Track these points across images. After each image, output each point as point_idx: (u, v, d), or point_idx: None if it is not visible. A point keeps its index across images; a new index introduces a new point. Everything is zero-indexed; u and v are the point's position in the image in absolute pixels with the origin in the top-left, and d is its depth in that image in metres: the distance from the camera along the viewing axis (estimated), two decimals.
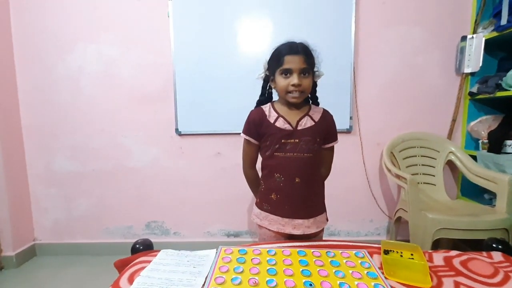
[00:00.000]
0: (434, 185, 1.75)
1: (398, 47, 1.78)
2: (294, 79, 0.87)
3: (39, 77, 1.84)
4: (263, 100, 1.03)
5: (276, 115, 0.94)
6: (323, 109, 1.00)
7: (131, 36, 1.81)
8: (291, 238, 0.94)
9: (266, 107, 0.97)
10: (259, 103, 1.03)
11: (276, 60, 0.90)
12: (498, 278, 0.67)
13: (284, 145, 0.92)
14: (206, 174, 1.91)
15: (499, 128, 1.62)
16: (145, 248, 0.85)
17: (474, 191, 1.73)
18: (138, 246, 0.85)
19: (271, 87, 1.00)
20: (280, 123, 0.93)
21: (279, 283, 0.64)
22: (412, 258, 0.73)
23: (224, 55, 1.78)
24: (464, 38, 1.69)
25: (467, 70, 1.70)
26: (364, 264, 0.72)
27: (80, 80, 1.84)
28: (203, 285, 0.64)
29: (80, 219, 1.96)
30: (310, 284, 0.63)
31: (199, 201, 1.93)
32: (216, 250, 0.80)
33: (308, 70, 0.89)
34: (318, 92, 1.02)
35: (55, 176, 1.92)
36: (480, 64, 1.65)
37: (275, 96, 1.01)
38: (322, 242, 0.88)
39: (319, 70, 0.95)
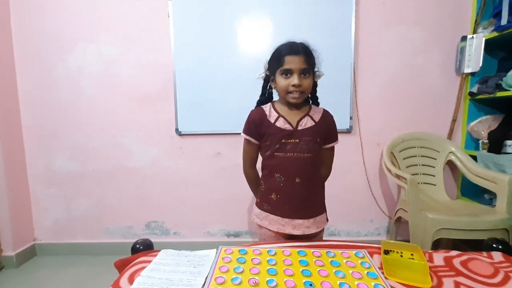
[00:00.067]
0: (434, 185, 1.75)
1: (398, 47, 1.79)
2: (294, 80, 0.87)
3: (39, 77, 1.84)
4: (263, 100, 1.03)
5: (277, 115, 0.94)
6: (324, 109, 1.00)
7: (131, 36, 1.81)
8: (291, 238, 0.94)
9: (267, 107, 0.97)
10: (260, 103, 1.03)
11: (277, 60, 0.90)
12: (498, 278, 0.67)
13: (284, 145, 0.92)
14: (206, 174, 1.91)
15: (499, 128, 1.62)
16: (145, 248, 0.85)
17: (474, 191, 1.73)
18: (138, 246, 0.85)
19: (272, 87, 1.00)
20: (281, 123, 0.93)
21: (279, 283, 0.64)
22: (412, 258, 0.73)
23: (224, 55, 1.78)
24: (464, 38, 1.69)
25: (467, 70, 1.70)
26: (364, 264, 0.72)
27: (80, 80, 1.84)
28: (203, 285, 0.64)
29: (80, 219, 1.96)
30: (310, 284, 0.63)
31: (199, 201, 1.93)
32: (216, 250, 0.80)
33: (309, 70, 0.89)
34: (318, 92, 1.02)
35: (55, 176, 1.92)
36: (480, 64, 1.65)
37: (276, 96, 1.01)
38: (322, 242, 0.88)
39: (319, 70, 0.95)
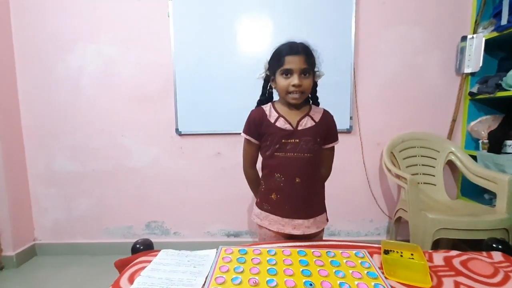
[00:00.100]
0: (434, 185, 1.75)
1: (398, 47, 1.79)
2: (294, 80, 0.87)
3: (39, 77, 1.84)
4: (263, 100, 1.03)
5: (277, 115, 0.94)
6: (324, 109, 1.00)
7: (131, 36, 1.81)
8: (291, 238, 0.94)
9: (267, 107, 0.97)
10: (260, 103, 1.03)
11: (277, 60, 0.90)
12: (498, 278, 0.67)
13: (284, 145, 0.92)
14: (206, 174, 1.91)
15: (499, 128, 1.62)
16: (145, 248, 0.85)
17: (474, 191, 1.73)
18: (138, 246, 0.85)
19: (272, 87, 1.00)
20: (281, 123, 0.93)
21: (279, 283, 0.64)
22: (412, 258, 0.73)
23: (224, 55, 1.78)
24: (464, 38, 1.69)
25: (467, 70, 1.70)
26: (364, 264, 0.72)
27: (80, 80, 1.84)
28: (204, 285, 0.64)
29: (80, 219, 1.96)
30: (310, 284, 0.63)
31: (199, 201, 1.93)
32: (216, 250, 0.80)
33: (309, 70, 0.89)
34: (318, 92, 1.02)
35: (55, 176, 1.92)
36: (480, 64, 1.65)
37: (276, 96, 1.01)
38: (322, 242, 0.88)
39: (320, 71, 0.95)
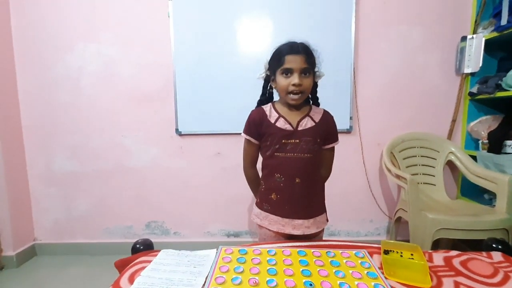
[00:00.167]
0: (434, 185, 1.75)
1: (398, 47, 1.79)
2: (294, 79, 0.87)
3: (39, 77, 1.84)
4: (263, 100, 1.03)
5: (277, 115, 0.94)
6: (324, 109, 1.00)
7: (131, 36, 1.81)
8: (291, 238, 0.94)
9: (267, 107, 0.97)
10: (260, 103, 1.03)
11: (277, 59, 0.90)
12: (498, 278, 0.67)
13: (284, 145, 0.92)
14: (206, 174, 1.91)
15: (499, 128, 1.62)
16: (145, 248, 0.85)
17: (474, 191, 1.73)
18: (138, 246, 0.85)
19: (272, 87, 1.00)
20: (281, 123, 0.93)
21: (279, 283, 0.64)
22: (412, 258, 0.73)
23: (224, 55, 1.78)
24: (464, 38, 1.69)
25: (467, 70, 1.70)
26: (364, 264, 0.72)
27: (80, 80, 1.84)
28: (204, 285, 0.64)
29: (80, 219, 1.96)
30: (310, 284, 0.63)
31: (199, 201, 1.93)
32: (216, 250, 0.80)
33: (309, 70, 0.89)
34: (318, 93, 1.02)
35: (55, 176, 1.92)
36: (480, 64, 1.65)
37: (276, 96, 1.01)
38: (322, 242, 0.88)
39: (320, 71, 0.95)
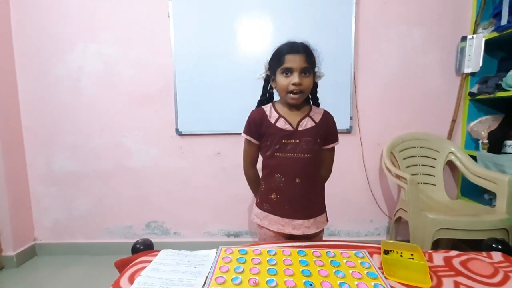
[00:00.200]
0: (434, 185, 1.75)
1: (398, 47, 1.79)
2: (295, 78, 0.87)
3: (39, 77, 1.84)
4: (264, 100, 1.03)
5: (277, 116, 0.94)
6: (324, 110, 1.00)
7: (131, 36, 1.81)
8: (291, 238, 0.94)
9: (267, 107, 0.97)
10: (260, 103, 1.03)
11: (277, 59, 0.90)
12: (497, 278, 0.67)
13: (284, 145, 0.92)
14: (206, 174, 1.91)
15: (499, 128, 1.62)
16: (145, 248, 0.85)
17: (474, 191, 1.73)
18: (138, 246, 0.85)
19: (272, 87, 1.00)
20: (281, 123, 0.93)
21: (279, 283, 0.64)
22: (412, 258, 0.73)
23: (224, 55, 1.78)
24: (464, 38, 1.69)
25: (467, 70, 1.70)
26: (364, 264, 0.72)
27: (80, 80, 1.84)
28: (204, 285, 0.64)
29: (80, 219, 1.96)
30: (310, 284, 0.63)
31: (199, 201, 1.93)
32: (216, 250, 0.80)
33: (309, 69, 0.89)
34: (318, 93, 1.02)
35: (55, 176, 1.92)
36: (480, 65, 1.65)
37: (276, 97, 1.01)
38: (322, 242, 0.88)
39: (320, 71, 0.95)
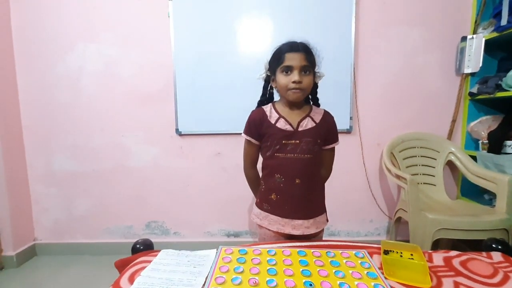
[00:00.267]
0: (434, 185, 1.75)
1: (398, 47, 1.79)
2: (294, 76, 0.87)
3: (39, 77, 1.84)
4: (264, 100, 1.03)
5: (277, 116, 0.94)
6: (324, 110, 1.00)
7: (131, 36, 1.81)
8: (291, 238, 0.94)
9: (267, 108, 0.97)
10: (260, 104, 1.03)
11: (277, 58, 0.90)
12: (497, 278, 0.67)
13: (284, 145, 0.92)
14: (206, 174, 1.91)
15: (499, 128, 1.62)
16: (145, 248, 0.85)
17: (474, 191, 1.73)
18: (138, 246, 0.85)
19: (272, 87, 1.00)
20: (281, 123, 0.93)
21: (279, 283, 0.64)
22: (412, 258, 0.73)
23: (224, 55, 1.78)
24: (464, 39, 1.69)
25: (467, 71, 1.70)
26: (364, 264, 0.72)
27: (80, 80, 1.84)
28: (204, 285, 0.64)
29: (80, 219, 1.96)
30: (310, 284, 0.63)
31: (199, 201, 1.93)
32: (216, 250, 0.80)
33: (309, 68, 0.89)
34: (318, 93, 1.02)
35: (55, 176, 1.92)
36: (480, 65, 1.65)
37: (276, 97, 1.01)
38: (322, 242, 0.88)
39: (320, 71, 0.95)
